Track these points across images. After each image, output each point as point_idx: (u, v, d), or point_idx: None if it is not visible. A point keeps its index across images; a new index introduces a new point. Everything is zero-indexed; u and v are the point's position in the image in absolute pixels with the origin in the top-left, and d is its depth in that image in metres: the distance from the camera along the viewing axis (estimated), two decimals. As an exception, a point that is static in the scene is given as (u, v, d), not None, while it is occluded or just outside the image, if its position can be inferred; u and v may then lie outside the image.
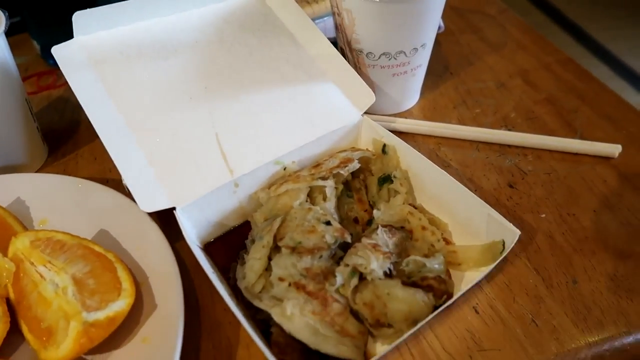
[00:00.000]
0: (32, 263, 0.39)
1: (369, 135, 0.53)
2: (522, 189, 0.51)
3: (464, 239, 0.45)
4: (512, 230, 0.41)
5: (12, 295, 0.39)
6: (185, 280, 0.42)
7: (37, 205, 0.48)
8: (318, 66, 0.55)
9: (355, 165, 0.48)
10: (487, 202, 0.44)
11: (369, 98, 0.53)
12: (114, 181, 0.53)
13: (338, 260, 0.42)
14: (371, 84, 0.57)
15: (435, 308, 0.39)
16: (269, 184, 0.48)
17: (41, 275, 0.38)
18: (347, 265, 0.40)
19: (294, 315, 0.37)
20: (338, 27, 0.56)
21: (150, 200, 0.43)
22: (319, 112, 0.52)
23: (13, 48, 0.53)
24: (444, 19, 0.74)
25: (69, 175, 0.50)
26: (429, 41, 0.55)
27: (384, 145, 0.50)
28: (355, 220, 0.47)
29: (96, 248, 0.41)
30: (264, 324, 0.39)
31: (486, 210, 0.43)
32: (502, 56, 0.70)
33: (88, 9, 0.49)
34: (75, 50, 0.49)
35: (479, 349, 0.39)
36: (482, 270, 0.42)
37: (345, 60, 0.55)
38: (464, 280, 0.43)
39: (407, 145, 0.50)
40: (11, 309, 0.39)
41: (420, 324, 0.38)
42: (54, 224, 0.46)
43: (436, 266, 0.41)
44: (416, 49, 0.54)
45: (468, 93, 0.64)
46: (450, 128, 0.58)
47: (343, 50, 0.58)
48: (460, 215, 0.46)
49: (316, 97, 0.53)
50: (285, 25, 0.57)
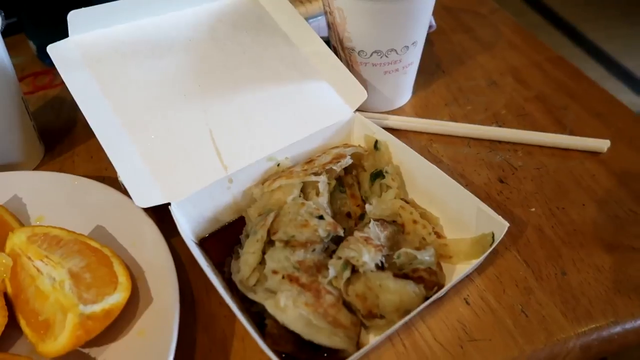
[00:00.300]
0: (29, 258, 0.39)
1: (361, 132, 0.53)
2: (513, 183, 0.52)
3: (455, 233, 0.46)
4: (501, 222, 0.42)
5: (10, 289, 0.39)
6: (181, 274, 0.43)
7: (34, 203, 0.48)
8: (311, 64, 0.55)
9: (347, 161, 0.49)
10: (478, 197, 0.44)
11: (361, 95, 0.53)
12: (109, 179, 0.54)
13: (331, 253, 0.42)
14: (363, 81, 0.57)
15: (427, 299, 0.40)
16: (262, 179, 0.49)
17: (38, 270, 0.39)
18: (340, 257, 0.41)
19: (288, 307, 0.37)
20: (330, 26, 0.57)
21: (146, 196, 0.44)
22: (311, 109, 0.52)
23: (9, 48, 0.54)
24: (436, 18, 0.75)
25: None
26: (420, 39, 0.56)
27: (376, 142, 0.51)
28: (348, 215, 0.48)
29: (92, 243, 0.42)
30: (258, 316, 0.40)
31: (476, 204, 0.44)
32: (494, 55, 0.71)
33: (83, 8, 0.49)
34: (71, 49, 0.49)
35: (470, 339, 0.40)
36: (472, 262, 0.43)
37: (338, 59, 0.55)
38: (455, 272, 0.44)
39: (399, 141, 0.50)
40: (9, 303, 0.39)
41: (411, 314, 0.38)
42: (50, 221, 0.46)
43: (427, 258, 0.41)
44: (407, 47, 0.55)
45: (459, 91, 0.65)
46: (442, 125, 0.58)
47: (335, 49, 0.58)
48: (450, 209, 0.46)
49: (309, 95, 0.53)
50: (278, 24, 0.58)
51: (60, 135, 0.62)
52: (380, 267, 0.41)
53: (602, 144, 0.54)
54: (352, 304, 0.40)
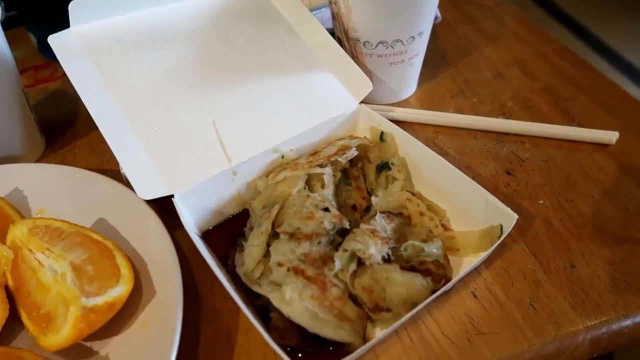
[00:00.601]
0: (31, 250, 0.39)
1: (366, 124, 0.53)
2: (520, 176, 0.51)
3: (462, 225, 0.45)
4: (510, 214, 0.41)
5: (11, 282, 0.39)
6: (184, 268, 0.42)
7: (35, 195, 0.48)
8: (315, 55, 0.55)
9: (353, 153, 0.48)
10: (485, 189, 0.44)
11: (367, 86, 0.53)
12: (111, 172, 0.53)
13: (336, 246, 0.42)
14: (368, 73, 0.57)
15: (434, 292, 0.39)
16: (266, 172, 0.48)
17: (40, 262, 0.38)
18: (346, 250, 0.40)
19: (293, 300, 0.37)
20: (335, 16, 0.56)
21: (148, 188, 0.43)
22: (316, 101, 0.52)
23: (10, 42, 0.53)
24: (441, 10, 0.74)
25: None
26: (426, 30, 0.55)
27: (382, 133, 0.50)
28: (354, 207, 0.47)
29: (94, 236, 0.41)
30: (262, 309, 0.40)
31: (484, 195, 0.43)
32: (499, 46, 0.71)
33: (84, -1, 0.49)
34: (72, 39, 0.48)
35: (478, 332, 0.39)
36: (480, 255, 0.42)
37: (343, 49, 0.55)
38: (462, 265, 0.43)
39: (405, 132, 0.50)
40: (10, 296, 0.39)
41: (418, 307, 0.38)
42: (52, 214, 0.45)
43: (434, 251, 0.41)
44: (413, 38, 0.54)
45: (465, 83, 0.64)
46: (447, 117, 0.58)
47: (340, 40, 0.58)
48: (458, 201, 0.46)
49: (313, 86, 0.53)
50: (282, 14, 0.57)
51: (61, 128, 0.62)
52: (386, 260, 0.41)
53: (611, 136, 0.54)
54: (358, 297, 0.39)
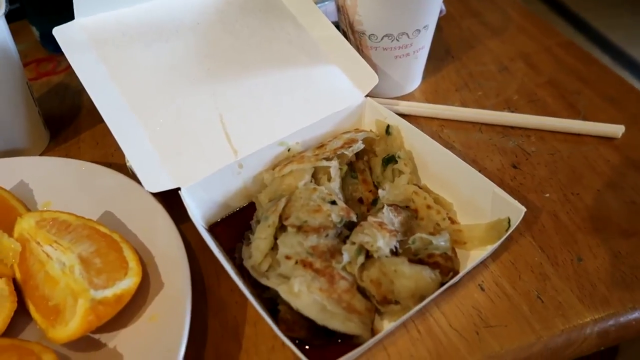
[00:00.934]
0: (39, 243, 0.39)
1: (372, 117, 0.52)
2: (526, 169, 0.51)
3: (469, 218, 0.45)
4: (518, 207, 0.41)
5: (19, 275, 0.39)
6: (191, 261, 0.42)
7: (41, 188, 0.47)
8: (320, 48, 0.54)
9: (359, 146, 0.48)
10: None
11: (372, 79, 0.52)
12: (116, 165, 0.53)
13: (344, 239, 0.42)
14: (373, 66, 0.56)
15: (442, 285, 0.39)
16: (273, 165, 0.48)
17: (48, 255, 0.38)
18: (354, 243, 0.40)
19: (302, 292, 0.37)
20: (340, 9, 0.56)
21: (155, 181, 0.43)
22: (322, 94, 0.51)
23: (12, 35, 0.53)
24: (445, 3, 0.74)
25: (72, 159, 0.50)
26: (431, 23, 0.55)
27: (388, 126, 0.50)
28: (360, 200, 0.47)
29: (101, 228, 0.41)
30: (270, 302, 0.39)
31: (491, 188, 0.43)
32: (503, 40, 0.70)
33: (89, -10, 0.48)
34: (77, 31, 0.48)
35: (485, 325, 0.39)
36: (487, 248, 0.42)
37: (348, 43, 0.54)
38: (469, 258, 0.43)
39: (411, 125, 0.49)
40: (17, 289, 0.39)
41: (427, 300, 0.38)
42: (57, 207, 0.45)
43: (442, 243, 0.41)
44: (419, 31, 0.54)
45: (470, 76, 0.64)
46: (453, 110, 0.58)
47: (345, 33, 0.57)
48: (464, 194, 0.46)
49: (319, 79, 0.52)
50: (287, 7, 0.57)
51: (65, 122, 0.61)
52: (394, 253, 0.41)
53: (617, 129, 0.54)
54: (367, 290, 0.39)
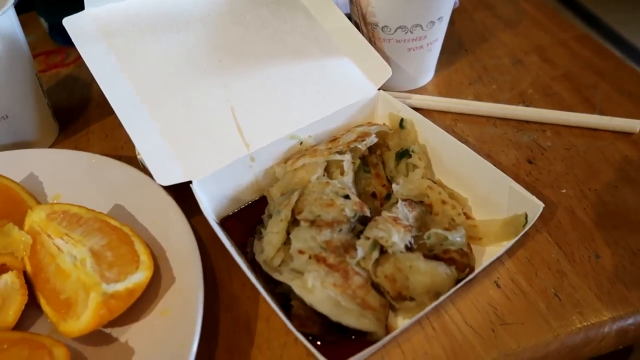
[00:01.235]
0: (49, 236, 0.38)
1: (385, 110, 0.52)
2: (542, 164, 0.50)
3: (485, 214, 0.44)
4: (535, 202, 0.41)
5: (29, 268, 0.38)
6: (202, 255, 0.41)
7: (51, 181, 0.47)
8: (333, 40, 0.53)
9: (372, 140, 0.47)
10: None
11: (386, 72, 0.52)
12: (126, 158, 0.52)
13: (357, 234, 0.41)
14: (386, 58, 0.55)
15: (458, 281, 0.39)
16: (284, 158, 0.48)
17: (59, 248, 0.38)
18: (368, 238, 0.39)
19: (315, 288, 0.36)
20: (352, 0, 0.55)
21: (166, 174, 0.42)
22: (334, 87, 0.51)
23: (21, 26, 0.52)
24: (458, -5, 0.73)
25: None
26: (445, 14, 0.54)
27: (402, 120, 0.49)
28: (373, 195, 0.46)
29: (112, 222, 0.41)
30: (283, 297, 0.39)
31: (508, 183, 0.42)
32: (517, 33, 0.69)
33: (99, -20, 0.48)
34: (87, 22, 0.48)
35: (502, 322, 0.39)
36: (503, 244, 0.42)
37: (361, 34, 0.54)
38: (485, 254, 0.42)
39: (425, 119, 0.49)
40: (28, 282, 0.38)
41: (443, 297, 0.37)
42: (68, 199, 0.45)
43: (458, 239, 0.40)
44: (433, 23, 0.53)
45: (484, 69, 0.63)
46: (467, 104, 0.57)
47: (357, 24, 0.56)
48: (480, 189, 0.45)
49: (331, 72, 0.52)
50: (299, -2, 0.56)
51: (74, 114, 0.61)
52: (409, 248, 0.40)
53: (634, 124, 0.52)
54: (381, 286, 0.38)
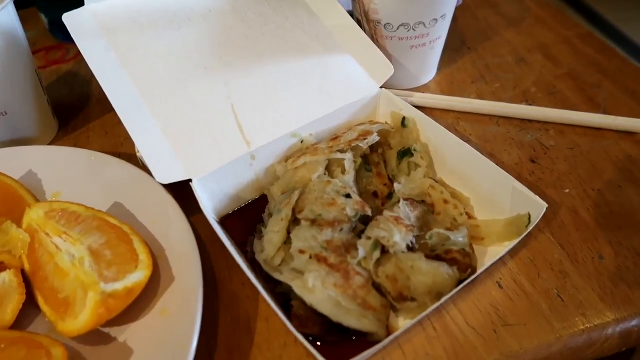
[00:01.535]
0: (48, 234, 0.38)
1: (387, 109, 0.51)
2: (545, 164, 0.50)
3: (487, 214, 0.44)
4: (539, 203, 0.40)
5: (27, 266, 0.38)
6: (202, 254, 0.41)
7: (50, 178, 0.47)
8: (335, 38, 0.53)
9: (374, 138, 0.47)
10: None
11: (388, 70, 0.51)
12: (126, 155, 0.52)
13: (359, 233, 0.41)
14: (388, 56, 0.55)
15: (460, 282, 0.38)
16: (285, 157, 0.47)
17: (57, 246, 0.37)
18: (369, 238, 0.39)
19: (316, 288, 0.36)
20: (355, -3, 0.54)
21: (166, 172, 0.42)
22: (336, 85, 0.50)
23: (21, 22, 0.52)
24: (461, -8, 0.72)
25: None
26: (449, 12, 0.54)
27: (404, 118, 0.49)
28: (375, 194, 0.46)
29: (111, 220, 0.40)
30: (283, 297, 0.39)
31: (510, 183, 0.42)
32: (521, 31, 0.69)
33: (99, -24, 0.47)
34: (87, 18, 0.47)
35: (504, 324, 0.38)
36: (506, 245, 0.41)
37: (363, 32, 0.53)
38: (487, 255, 0.42)
39: (428, 118, 0.48)
40: (26, 280, 0.38)
41: (445, 298, 0.37)
42: (67, 197, 0.44)
43: (460, 239, 0.40)
44: (436, 20, 0.53)
45: (486, 68, 0.63)
46: (469, 102, 0.56)
47: (359, 21, 0.56)
48: (483, 189, 0.44)
49: (333, 69, 0.51)
50: (300, -5, 0.55)
51: (74, 111, 0.61)
52: (410, 249, 0.40)
53: (639, 124, 0.52)
54: (382, 286, 0.38)
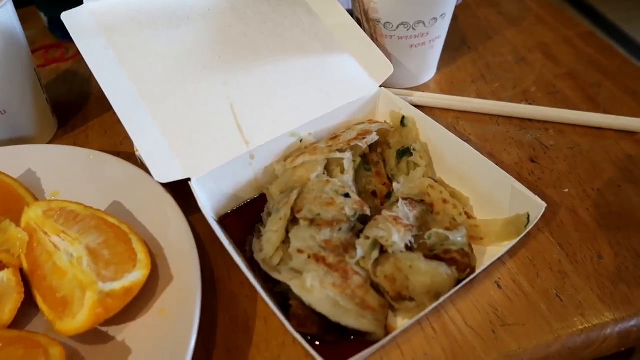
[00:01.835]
0: (46, 233, 0.38)
1: (386, 108, 0.51)
2: (545, 163, 0.50)
3: (486, 213, 0.44)
4: (538, 202, 0.40)
5: (26, 265, 0.38)
6: (200, 253, 0.41)
7: (49, 177, 0.47)
8: (334, 36, 0.53)
9: (373, 138, 0.47)
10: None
11: (387, 69, 0.51)
12: (125, 154, 0.52)
13: (357, 233, 0.41)
14: (388, 55, 0.55)
15: (458, 282, 0.38)
16: (284, 156, 0.47)
17: (55, 245, 0.37)
18: (368, 237, 0.39)
19: (314, 288, 0.36)
20: (355, -4, 0.54)
21: (165, 171, 0.42)
22: (335, 84, 0.50)
23: (20, 21, 0.52)
24: (461, -9, 0.72)
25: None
26: (448, 11, 0.54)
27: (403, 117, 0.49)
28: (374, 193, 0.46)
29: (110, 219, 0.40)
30: (281, 297, 0.39)
31: (510, 182, 0.42)
32: (521, 30, 0.68)
33: (98, -25, 0.47)
34: (85, 17, 0.47)
35: (502, 323, 0.38)
36: (505, 244, 0.41)
37: (362, 31, 0.53)
38: (486, 255, 0.42)
39: (427, 117, 0.48)
40: (24, 279, 0.38)
41: (443, 298, 0.37)
42: (65, 196, 0.44)
43: (459, 239, 0.40)
44: (435, 19, 0.52)
45: (486, 67, 0.63)
46: (469, 102, 0.56)
47: (359, 20, 0.56)
48: (482, 189, 0.44)
49: (332, 68, 0.51)
50: (300, -6, 0.55)
51: (73, 110, 0.60)
52: (409, 248, 0.40)
53: (639, 123, 0.52)
54: (381, 286, 0.38)
